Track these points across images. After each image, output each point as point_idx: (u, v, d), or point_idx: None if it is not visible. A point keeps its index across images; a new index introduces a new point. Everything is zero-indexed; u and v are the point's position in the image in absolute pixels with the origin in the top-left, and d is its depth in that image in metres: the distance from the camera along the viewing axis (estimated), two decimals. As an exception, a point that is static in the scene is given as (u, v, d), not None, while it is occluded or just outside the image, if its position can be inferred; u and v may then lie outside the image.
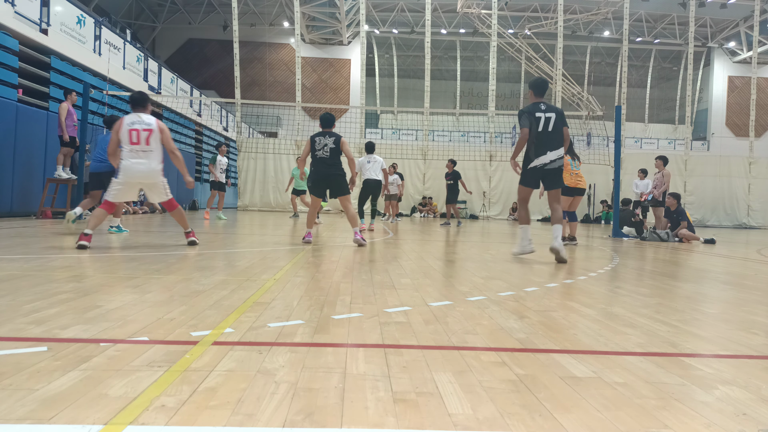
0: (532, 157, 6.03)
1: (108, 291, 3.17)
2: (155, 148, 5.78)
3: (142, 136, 5.69)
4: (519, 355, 2.14)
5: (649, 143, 36.23)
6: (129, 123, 5.72)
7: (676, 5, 31.14)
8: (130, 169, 5.69)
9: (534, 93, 6.20)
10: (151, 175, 5.79)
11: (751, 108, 23.76)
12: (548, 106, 6.07)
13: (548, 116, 5.99)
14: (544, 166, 6.00)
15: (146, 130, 5.72)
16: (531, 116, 5.98)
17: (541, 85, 6.20)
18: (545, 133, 5.99)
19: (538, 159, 5.99)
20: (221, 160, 12.98)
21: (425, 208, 21.87)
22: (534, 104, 6.11)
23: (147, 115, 5.85)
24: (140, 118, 5.77)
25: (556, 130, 6.00)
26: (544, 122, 5.98)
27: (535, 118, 5.98)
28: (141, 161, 5.71)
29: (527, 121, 5.96)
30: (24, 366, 1.77)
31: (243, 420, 1.41)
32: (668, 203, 11.03)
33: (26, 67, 11.65)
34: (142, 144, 5.70)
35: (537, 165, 6.01)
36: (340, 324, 2.54)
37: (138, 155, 5.70)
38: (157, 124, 5.82)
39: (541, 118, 5.98)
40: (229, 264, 4.73)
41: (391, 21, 35.05)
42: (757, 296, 4.00)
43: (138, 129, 5.70)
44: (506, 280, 4.33)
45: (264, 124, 29.53)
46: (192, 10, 34.17)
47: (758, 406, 1.66)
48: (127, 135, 5.70)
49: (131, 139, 5.69)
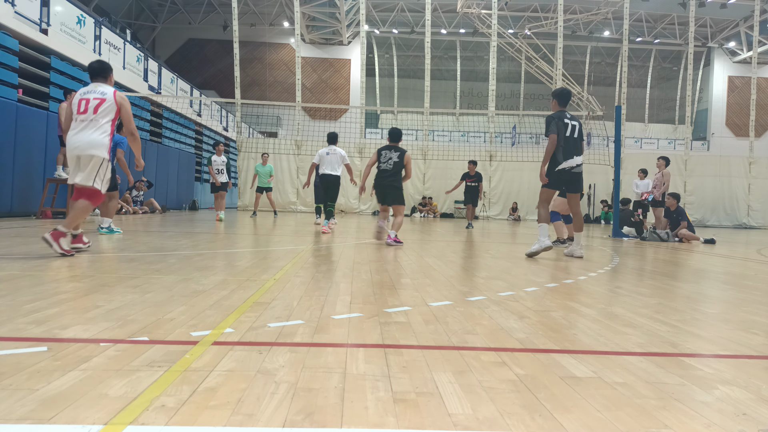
0: (561, 160, 6.35)
1: (108, 291, 3.17)
2: (102, 119, 4.88)
3: (90, 105, 4.87)
4: (519, 355, 2.14)
5: (649, 143, 36.24)
6: (82, 92, 4.98)
7: (676, 5, 31.15)
8: (69, 140, 4.86)
9: (558, 102, 6.60)
10: (89, 147, 4.81)
11: (751, 108, 23.76)
12: (572, 116, 6.50)
13: (573, 124, 6.43)
14: (572, 170, 6.36)
15: (97, 99, 4.90)
16: (560, 122, 6.34)
17: (566, 96, 6.64)
18: (572, 139, 6.37)
19: (567, 162, 6.33)
20: (216, 160, 12.86)
21: (425, 208, 21.87)
22: (561, 112, 6.49)
23: (105, 86, 5.04)
24: (95, 88, 4.98)
25: (580, 138, 6.43)
26: (570, 129, 6.38)
27: (564, 124, 6.35)
28: (82, 131, 4.84)
29: (556, 127, 6.30)
30: (24, 366, 1.77)
31: (243, 420, 1.41)
32: (668, 203, 11.04)
33: (26, 67, 11.65)
34: (89, 113, 4.86)
35: (565, 167, 6.34)
36: (340, 324, 2.54)
37: (80, 125, 4.86)
38: (115, 96, 4.95)
39: (568, 125, 6.38)
40: (229, 264, 4.74)
41: (391, 21, 35.06)
42: (757, 296, 4.00)
43: (89, 98, 4.90)
44: (506, 280, 4.33)
45: (264, 124, 29.54)
46: (192, 10, 34.18)
47: (758, 406, 1.66)
48: (77, 105, 4.91)
49: (79, 108, 4.89)
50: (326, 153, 9.39)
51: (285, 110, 26.61)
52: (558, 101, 6.61)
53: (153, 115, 18.63)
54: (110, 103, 4.91)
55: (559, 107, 6.59)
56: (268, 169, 15.13)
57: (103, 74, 5.11)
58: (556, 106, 6.62)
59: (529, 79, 35.01)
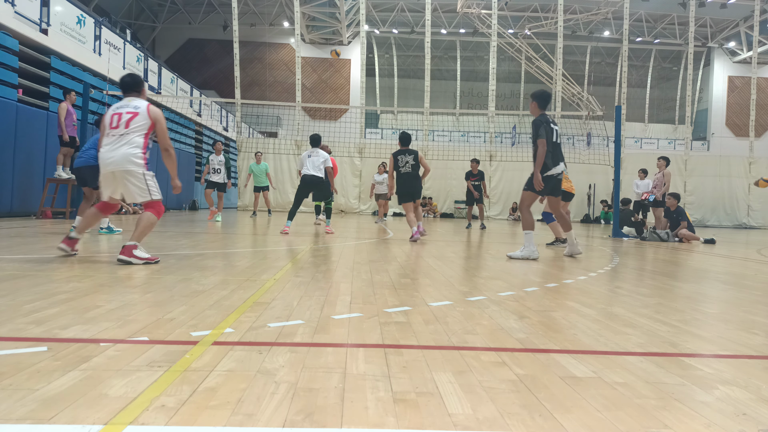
0: (551, 166, 6.19)
1: (108, 291, 3.17)
2: (134, 133, 4.64)
3: (123, 119, 4.63)
4: (519, 355, 2.14)
5: (649, 143, 36.24)
6: (115, 107, 4.76)
7: (676, 5, 31.14)
8: (101, 157, 4.64)
9: (539, 105, 6.31)
10: (123, 162, 4.56)
11: (751, 108, 23.76)
12: (553, 119, 6.32)
13: (556, 129, 6.29)
14: (557, 176, 6.25)
15: (130, 113, 4.66)
16: (548, 126, 6.14)
17: (547, 98, 6.38)
18: (557, 144, 6.26)
19: (555, 168, 6.21)
20: (213, 159, 12.86)
21: (425, 208, 21.87)
22: (545, 116, 6.26)
23: (139, 99, 4.82)
24: (129, 102, 4.76)
25: (560, 142, 6.35)
26: (555, 134, 6.24)
27: (551, 129, 6.17)
28: (113, 147, 4.61)
29: (545, 132, 6.10)
30: (24, 366, 1.77)
31: (243, 420, 1.41)
32: (668, 203, 11.04)
33: (26, 67, 11.64)
34: (121, 128, 4.61)
35: (554, 173, 6.22)
36: (340, 324, 2.54)
37: (111, 140, 4.63)
38: (148, 110, 4.72)
39: (554, 129, 6.23)
40: (229, 264, 4.73)
41: (391, 21, 35.05)
42: (757, 296, 4.00)
43: (121, 112, 4.67)
44: (506, 280, 4.33)
45: (264, 124, 29.53)
46: (192, 10, 34.18)
47: (758, 406, 1.66)
48: (109, 119, 4.70)
49: (111, 123, 4.66)
50: (308, 155, 9.08)
51: (285, 110, 26.60)
52: (538, 103, 6.30)
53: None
54: (143, 118, 4.69)
55: (539, 110, 6.29)
56: (263, 167, 15.11)
57: (135, 88, 4.89)
58: (536, 108, 6.30)
59: (529, 79, 35.02)
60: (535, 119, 6.26)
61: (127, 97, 4.85)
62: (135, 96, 4.86)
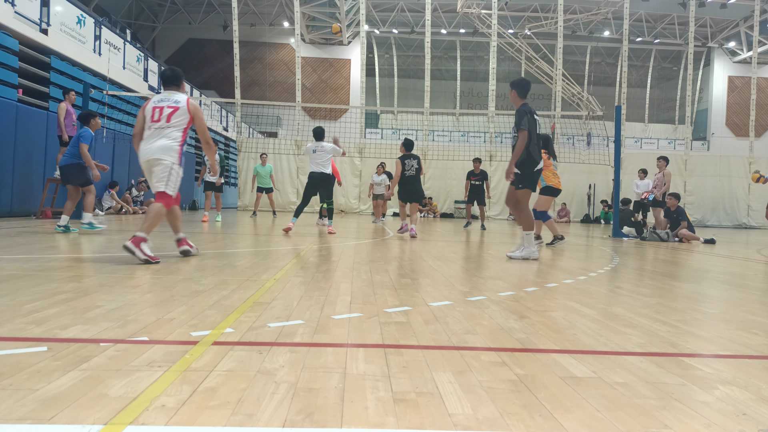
0: (537, 160, 5.95)
1: (108, 291, 3.17)
2: (174, 127, 4.81)
3: (164, 113, 4.79)
4: (519, 355, 2.14)
5: (649, 143, 36.23)
6: (156, 100, 4.89)
7: (676, 5, 31.14)
8: (141, 148, 4.81)
9: (519, 93, 5.99)
10: (157, 152, 4.73)
11: (751, 108, 23.76)
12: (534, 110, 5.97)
13: (538, 120, 5.98)
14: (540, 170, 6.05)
15: (171, 107, 4.82)
16: (532, 117, 5.82)
17: (527, 86, 6.05)
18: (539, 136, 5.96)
19: (540, 163, 5.99)
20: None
21: (425, 208, 21.87)
22: (528, 105, 5.94)
23: (179, 93, 4.97)
24: (169, 96, 4.91)
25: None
26: (538, 126, 5.95)
27: (534, 120, 5.86)
28: (152, 139, 4.78)
29: (528, 123, 5.77)
30: (24, 366, 1.77)
31: (243, 420, 1.41)
32: (669, 203, 11.04)
33: (26, 67, 11.64)
34: (162, 121, 4.79)
35: (540, 168, 6.00)
36: (340, 324, 2.54)
37: (151, 133, 4.80)
38: (188, 104, 4.88)
39: (536, 120, 5.92)
40: (229, 264, 4.73)
41: (391, 21, 35.05)
42: (757, 296, 4.00)
43: (162, 106, 4.82)
44: (506, 280, 4.33)
45: (264, 124, 29.52)
46: (192, 10, 34.18)
47: (758, 406, 1.66)
48: (150, 112, 4.83)
49: (153, 116, 4.81)
50: (313, 150, 8.92)
51: (285, 110, 26.59)
52: (518, 92, 5.95)
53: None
54: (183, 112, 4.84)
55: (520, 99, 5.95)
56: (268, 169, 15.11)
57: (176, 82, 5.03)
58: (517, 97, 5.96)
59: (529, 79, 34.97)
60: (520, 108, 5.94)
61: (166, 90, 5.00)
62: (174, 90, 4.99)
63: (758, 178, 11.01)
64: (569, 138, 25.52)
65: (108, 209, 13.78)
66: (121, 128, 15.68)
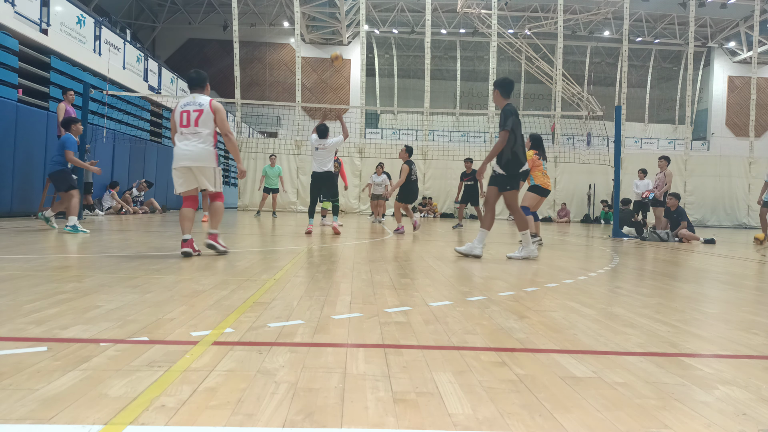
0: (523, 160, 5.91)
1: (108, 291, 3.17)
2: (204, 130, 5.23)
3: (192, 117, 5.23)
4: (519, 355, 2.14)
5: (649, 143, 36.22)
6: (182, 105, 5.31)
7: (676, 5, 31.13)
8: (177, 152, 5.26)
9: (502, 93, 5.93)
10: (200, 160, 5.23)
11: (751, 108, 23.76)
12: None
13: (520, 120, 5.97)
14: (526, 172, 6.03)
15: (196, 111, 5.23)
16: (517, 118, 5.82)
17: (510, 86, 5.98)
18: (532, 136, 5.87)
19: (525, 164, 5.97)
20: None
21: (425, 208, 21.88)
22: (512, 105, 5.92)
23: (202, 96, 5.35)
24: (194, 99, 5.29)
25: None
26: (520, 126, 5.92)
27: (519, 121, 5.86)
28: (188, 144, 5.23)
29: (512, 123, 5.76)
30: (24, 366, 1.77)
31: (243, 420, 1.41)
32: (669, 203, 11.04)
33: (26, 67, 11.64)
34: (191, 126, 5.22)
35: (525, 169, 5.98)
36: (340, 324, 2.54)
37: (186, 137, 5.25)
38: (210, 105, 5.27)
39: (520, 122, 5.90)
40: (229, 264, 4.73)
41: (391, 21, 35.04)
42: (757, 296, 4.00)
43: (189, 110, 5.24)
44: (506, 280, 4.33)
45: (264, 124, 29.51)
46: (192, 10, 34.17)
47: (758, 406, 1.66)
48: (179, 117, 5.26)
49: (181, 121, 5.25)
50: (316, 148, 8.94)
51: (285, 110, 26.58)
52: (501, 92, 5.90)
53: (153, 115, 18.62)
54: (207, 113, 5.24)
55: (503, 98, 5.90)
56: (277, 171, 15.38)
57: (200, 84, 5.39)
58: (500, 97, 5.92)
59: (529, 79, 35.00)
60: (506, 108, 5.87)
61: (192, 93, 5.39)
62: (199, 92, 5.39)
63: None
64: (569, 138, 25.52)
65: (108, 209, 13.78)
66: (121, 128, 15.67)
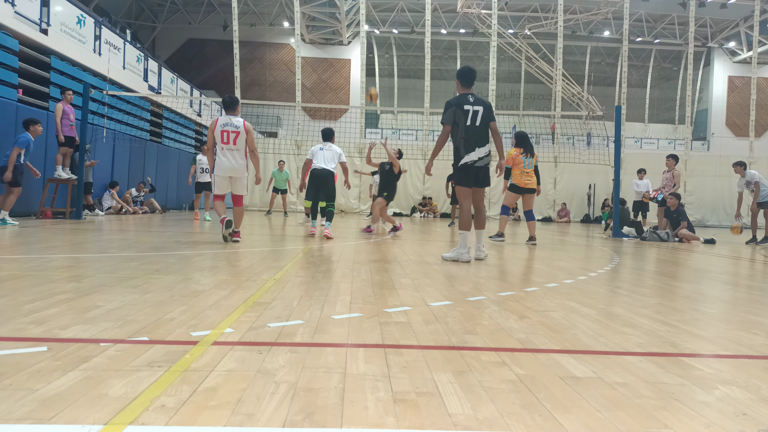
0: (463, 154, 5.66)
1: (108, 291, 3.17)
2: (241, 147, 6.77)
3: (231, 137, 6.70)
4: (519, 355, 2.14)
5: (649, 143, 36.21)
6: (222, 124, 6.71)
7: (676, 5, 31.13)
8: (220, 165, 6.76)
9: (461, 83, 5.76)
10: (238, 170, 6.81)
11: (751, 108, 23.76)
12: (476, 98, 5.70)
13: (476, 109, 5.64)
14: (474, 163, 5.67)
15: (235, 132, 6.70)
16: (459, 109, 5.61)
17: (468, 74, 5.75)
18: (473, 127, 5.63)
19: (469, 156, 5.64)
20: (201, 159, 12.92)
21: (425, 208, 21.88)
22: (462, 95, 5.70)
23: (237, 118, 6.79)
24: (231, 120, 6.72)
25: (483, 125, 5.68)
26: (472, 115, 5.63)
27: (464, 111, 5.61)
28: (230, 158, 6.75)
29: (453, 116, 5.61)
30: (24, 366, 1.77)
31: (243, 420, 1.41)
32: (669, 203, 11.04)
33: (26, 67, 11.63)
34: (231, 143, 6.71)
35: (468, 162, 5.65)
36: (340, 324, 2.54)
37: (227, 153, 6.74)
38: (244, 126, 6.75)
39: (469, 111, 5.62)
40: (229, 264, 4.73)
41: (391, 21, 35.04)
42: (757, 296, 4.00)
43: (228, 130, 6.69)
44: (506, 280, 4.33)
45: (264, 124, 29.51)
46: (192, 10, 34.17)
47: (758, 406, 1.66)
48: (220, 135, 6.70)
49: (222, 138, 6.70)
50: (320, 148, 8.60)
51: (285, 110, 26.60)
52: (461, 82, 5.74)
53: (153, 115, 18.62)
54: (242, 134, 6.75)
55: (462, 88, 5.74)
56: (285, 175, 15.99)
57: (234, 107, 6.86)
58: (460, 87, 5.77)
59: (529, 79, 35.01)
60: (448, 100, 5.76)
61: (228, 114, 6.81)
62: (232, 114, 6.82)
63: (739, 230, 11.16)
64: (569, 138, 25.50)
65: (108, 209, 13.78)
66: (121, 128, 15.67)
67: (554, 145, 23.52)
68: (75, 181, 10.99)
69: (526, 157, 8.67)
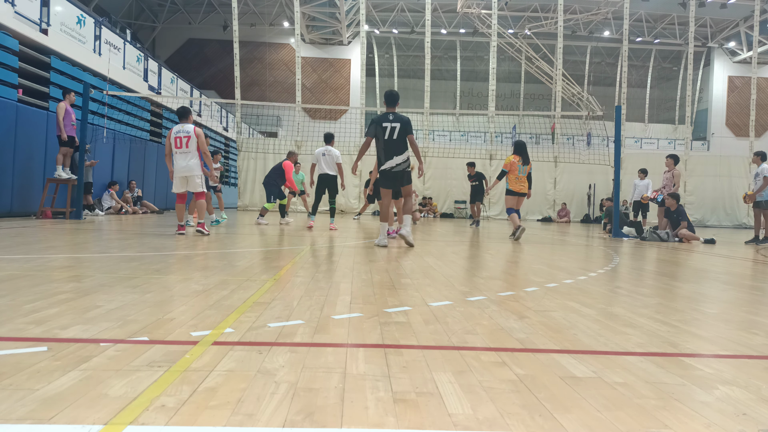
0: (383, 161, 6.92)
1: (108, 291, 3.17)
2: (193, 148, 7.69)
3: (184, 141, 7.65)
4: (519, 355, 2.14)
5: (649, 143, 36.24)
6: (175, 131, 7.72)
7: (676, 5, 31.14)
8: (177, 166, 7.73)
9: (386, 103, 7.05)
10: (189, 170, 7.71)
11: (751, 108, 23.76)
12: (395, 116, 6.90)
13: (393, 126, 6.83)
14: (392, 169, 6.89)
15: (186, 137, 7.66)
16: (378, 126, 6.84)
17: (390, 97, 7.07)
18: (390, 140, 6.82)
19: (387, 163, 6.90)
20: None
21: (425, 208, 21.88)
22: (384, 114, 6.96)
23: (188, 125, 7.75)
24: (183, 128, 7.68)
25: (400, 138, 6.86)
26: (389, 131, 6.84)
27: (382, 128, 6.83)
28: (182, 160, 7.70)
29: (373, 131, 6.89)
30: (24, 366, 1.77)
31: (243, 420, 1.41)
32: (668, 203, 11.03)
33: (26, 67, 11.63)
34: (184, 147, 7.67)
35: (386, 168, 6.92)
36: (340, 324, 2.54)
37: (180, 156, 7.71)
38: (194, 131, 7.69)
39: (387, 128, 6.84)
40: (229, 264, 4.73)
41: (391, 21, 35.05)
42: (757, 296, 4.00)
43: (181, 136, 7.66)
44: (506, 280, 4.33)
45: (264, 124, 29.52)
46: (192, 10, 34.18)
47: (758, 406, 1.66)
48: (174, 141, 7.68)
49: (176, 144, 7.67)
50: (322, 154, 9.91)
51: (285, 110, 26.59)
52: (385, 102, 7.05)
53: (153, 115, 18.63)
54: (193, 137, 7.67)
55: (387, 108, 7.02)
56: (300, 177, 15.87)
57: (186, 116, 7.81)
58: (385, 107, 7.08)
59: (529, 79, 35.03)
60: (372, 117, 7.10)
61: (181, 122, 7.78)
62: (185, 122, 7.78)
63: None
64: (569, 138, 25.52)
65: (108, 209, 13.78)
66: (121, 128, 15.68)
67: (554, 145, 23.52)
68: (75, 181, 10.99)
69: (521, 165, 9.66)
